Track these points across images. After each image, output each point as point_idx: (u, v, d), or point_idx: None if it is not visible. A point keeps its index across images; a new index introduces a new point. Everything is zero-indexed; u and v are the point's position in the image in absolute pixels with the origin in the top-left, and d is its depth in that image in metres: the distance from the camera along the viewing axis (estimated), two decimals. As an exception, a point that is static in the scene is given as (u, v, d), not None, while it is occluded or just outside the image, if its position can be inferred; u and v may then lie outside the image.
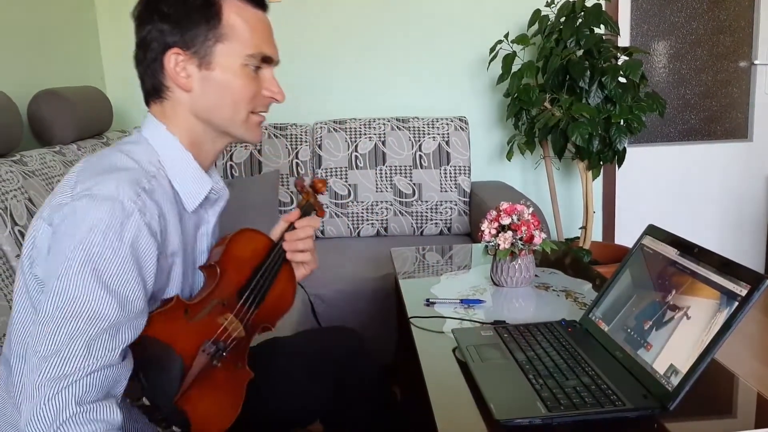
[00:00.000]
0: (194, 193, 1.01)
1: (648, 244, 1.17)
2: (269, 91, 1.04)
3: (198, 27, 0.95)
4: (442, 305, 1.43)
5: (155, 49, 0.96)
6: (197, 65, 0.96)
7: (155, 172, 0.95)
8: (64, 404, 0.78)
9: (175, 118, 1.00)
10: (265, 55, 1.01)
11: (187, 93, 0.98)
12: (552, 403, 0.94)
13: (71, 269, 0.82)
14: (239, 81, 0.98)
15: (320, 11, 2.94)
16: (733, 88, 3.21)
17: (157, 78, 0.98)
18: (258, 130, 1.06)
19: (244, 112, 1.01)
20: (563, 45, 2.53)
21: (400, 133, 2.77)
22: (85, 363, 0.80)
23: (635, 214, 3.22)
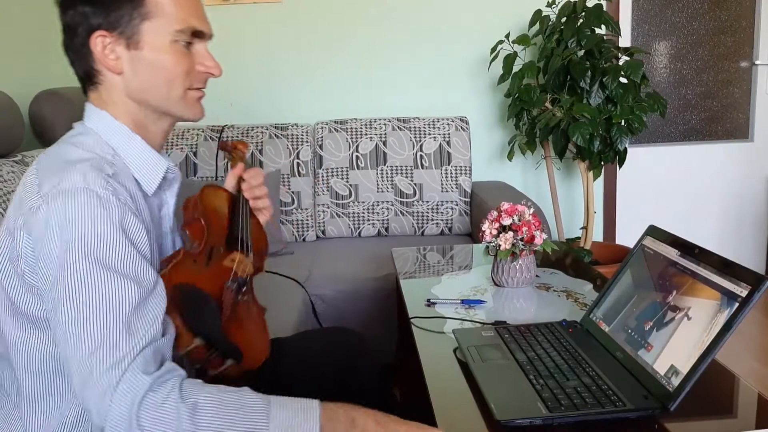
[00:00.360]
0: (152, 175, 1.00)
1: (649, 245, 1.17)
2: (204, 66, 1.00)
3: (121, 6, 0.92)
4: (442, 305, 1.43)
5: (81, 33, 0.94)
6: (125, 46, 0.94)
7: (112, 159, 0.94)
8: (136, 380, 0.78)
9: (113, 103, 0.98)
10: (195, 29, 0.98)
11: (119, 75, 0.96)
12: (553, 404, 0.94)
13: (74, 268, 0.82)
14: (170, 58, 0.96)
15: (321, 11, 2.94)
16: (734, 89, 3.21)
17: (87, 63, 0.96)
18: (198, 106, 1.03)
19: (179, 89, 0.98)
20: (564, 45, 2.53)
21: (401, 133, 2.77)
22: (132, 344, 0.80)
23: (636, 214, 3.22)
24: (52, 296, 0.85)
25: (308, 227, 2.76)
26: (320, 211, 2.77)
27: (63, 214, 0.84)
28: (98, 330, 0.80)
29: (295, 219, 2.74)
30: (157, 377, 0.80)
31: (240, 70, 2.97)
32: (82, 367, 0.80)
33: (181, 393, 0.80)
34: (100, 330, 0.80)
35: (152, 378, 0.79)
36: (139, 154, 0.99)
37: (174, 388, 0.80)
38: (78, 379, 0.81)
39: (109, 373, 0.78)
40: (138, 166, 0.98)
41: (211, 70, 1.01)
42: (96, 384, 0.79)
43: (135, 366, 0.79)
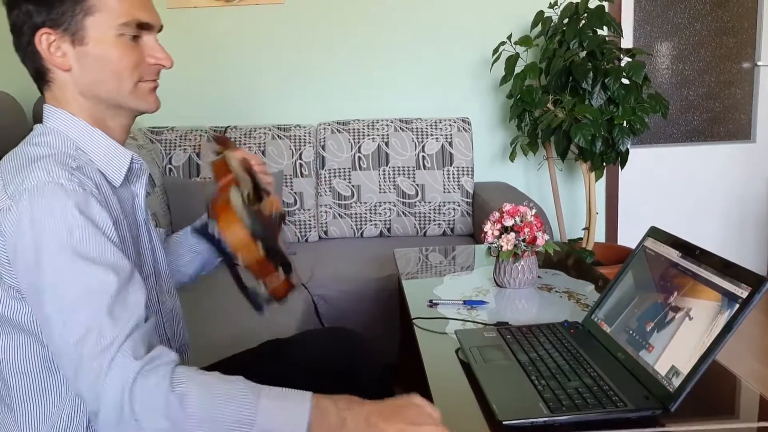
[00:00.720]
0: (116, 166, 1.00)
1: (650, 246, 1.18)
2: (154, 58, 0.99)
3: (63, 2, 0.92)
4: (445, 306, 1.44)
5: (26, 32, 0.93)
6: (70, 42, 0.94)
7: (74, 154, 0.94)
8: (126, 365, 0.80)
9: (67, 101, 0.98)
10: (140, 22, 0.97)
11: (68, 72, 0.95)
12: (554, 404, 0.95)
13: (51, 263, 0.84)
14: (116, 52, 0.95)
15: (323, 13, 2.95)
16: (736, 90, 3.21)
17: (36, 62, 0.96)
18: (151, 97, 1.02)
19: (129, 82, 0.97)
20: (566, 46, 2.53)
21: (403, 134, 2.78)
22: (118, 329, 0.82)
23: (638, 215, 3.22)
24: (33, 294, 0.86)
25: (311, 228, 2.76)
26: (323, 211, 2.78)
27: (31, 212, 0.85)
28: (83, 318, 0.82)
29: (297, 220, 2.75)
30: (147, 361, 0.82)
31: (242, 71, 2.98)
32: (72, 357, 0.82)
33: (171, 381, 0.81)
34: (85, 318, 0.82)
35: (142, 362, 0.81)
36: (101, 147, 0.98)
37: (165, 377, 0.81)
38: (70, 369, 0.83)
39: (98, 359, 0.80)
40: (102, 158, 0.98)
41: (162, 62, 1.00)
42: (87, 371, 0.80)
43: (124, 350, 0.81)
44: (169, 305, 1.13)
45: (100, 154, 0.98)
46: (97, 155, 0.98)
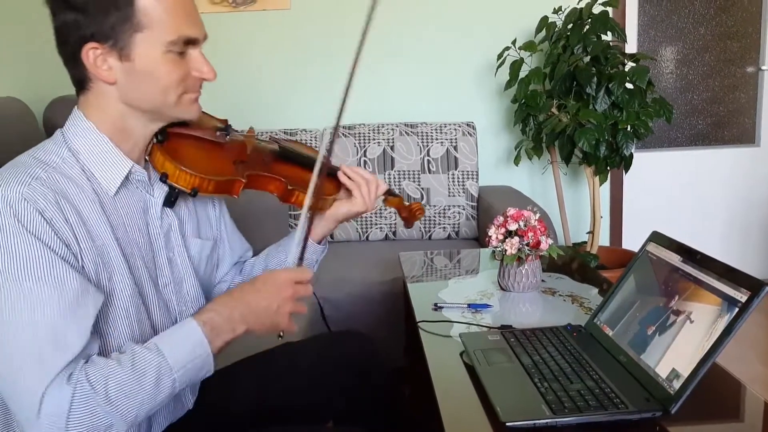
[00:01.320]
0: (111, 174, 0.97)
1: (652, 251, 1.19)
2: (198, 72, 1.00)
3: (109, 16, 0.90)
4: (449, 310, 1.46)
5: (72, 43, 0.92)
6: (117, 57, 0.92)
7: (56, 161, 0.92)
8: (60, 394, 0.80)
9: (100, 108, 0.97)
10: (188, 38, 0.96)
11: (111, 85, 0.94)
12: (556, 406, 0.96)
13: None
14: (163, 68, 0.94)
15: (329, 18, 2.98)
16: (740, 94, 3.22)
17: (78, 69, 0.95)
18: (194, 106, 1.03)
19: (174, 95, 0.98)
20: (570, 51, 2.55)
21: (409, 138, 2.80)
22: (58, 356, 0.81)
23: (642, 219, 3.23)
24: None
25: (316, 231, 2.78)
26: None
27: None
28: (21, 345, 0.80)
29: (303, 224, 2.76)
30: (75, 381, 0.81)
31: (249, 75, 3.01)
32: (6, 384, 0.81)
33: (90, 384, 0.82)
34: (24, 344, 0.80)
35: (71, 384, 0.81)
36: (101, 153, 0.97)
37: (82, 382, 0.81)
38: (3, 392, 0.82)
39: (33, 389, 0.79)
40: (97, 164, 0.96)
41: (206, 75, 1.00)
42: (19, 399, 0.80)
43: (59, 380, 0.80)
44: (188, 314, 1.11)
45: (98, 161, 0.96)
46: (94, 162, 0.96)
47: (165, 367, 0.88)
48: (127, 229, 0.99)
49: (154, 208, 1.05)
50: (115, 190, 0.98)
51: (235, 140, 1.17)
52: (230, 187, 1.10)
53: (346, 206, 1.26)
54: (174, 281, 1.08)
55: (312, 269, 1.31)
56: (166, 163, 1.03)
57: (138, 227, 1.02)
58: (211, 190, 1.07)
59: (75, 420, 0.80)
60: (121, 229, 0.97)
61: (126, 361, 0.86)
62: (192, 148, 1.08)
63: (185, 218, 1.13)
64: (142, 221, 1.03)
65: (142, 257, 1.01)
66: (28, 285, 0.82)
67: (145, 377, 0.86)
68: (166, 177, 1.03)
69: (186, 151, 1.06)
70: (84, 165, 0.96)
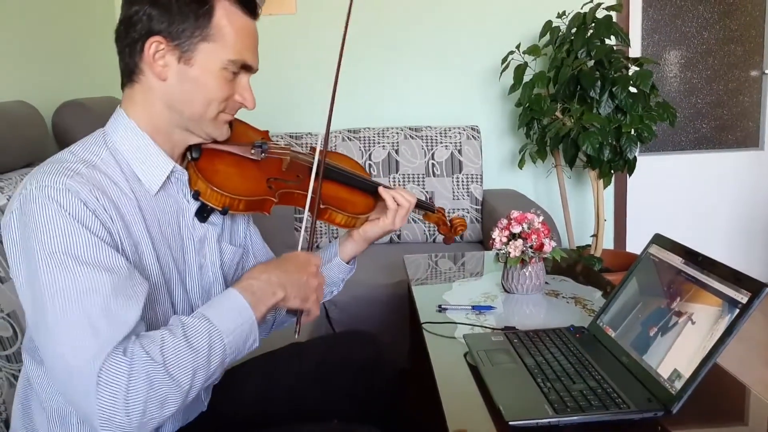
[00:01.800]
0: (154, 172, 0.99)
1: (654, 253, 1.21)
2: (241, 97, 1.04)
3: (186, 21, 0.94)
4: (453, 311, 1.47)
5: (139, 31, 0.95)
6: (177, 58, 0.96)
7: (95, 161, 0.94)
8: (118, 365, 0.80)
9: (143, 103, 0.99)
10: (246, 63, 1.01)
11: (161, 82, 0.97)
12: (559, 406, 0.98)
13: (43, 263, 0.83)
14: (215, 82, 0.98)
15: (334, 23, 3.00)
16: (744, 97, 3.23)
17: (133, 58, 0.97)
18: (225, 127, 1.06)
19: (214, 111, 1.00)
20: (574, 55, 2.56)
21: (413, 141, 2.82)
22: (113, 330, 0.82)
23: (646, 222, 3.24)
24: (25, 297, 0.86)
25: (322, 234, 2.80)
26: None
27: (26, 215, 0.85)
28: (75, 323, 0.81)
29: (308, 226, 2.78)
30: (131, 353, 0.81)
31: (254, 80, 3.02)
32: (62, 361, 0.81)
33: (146, 353, 0.82)
34: (77, 322, 0.81)
35: (128, 356, 0.81)
36: (142, 151, 0.99)
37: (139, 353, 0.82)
38: (58, 371, 0.82)
39: (91, 362, 0.79)
40: (139, 162, 0.98)
41: (247, 103, 1.04)
42: (76, 375, 0.80)
43: (116, 352, 0.80)
44: None
45: (139, 159, 0.98)
46: (136, 160, 0.98)
47: (215, 333, 0.88)
48: (161, 228, 1.01)
49: (188, 213, 1.07)
50: (156, 189, 1.00)
51: (271, 157, 1.16)
52: (261, 206, 1.10)
53: (379, 227, 1.26)
54: (202, 286, 1.10)
55: (338, 287, 1.32)
56: (199, 181, 1.04)
57: (172, 229, 1.03)
58: (242, 209, 1.07)
59: (134, 391, 0.80)
60: (155, 229, 0.99)
61: (177, 331, 0.86)
62: (224, 166, 1.08)
63: (220, 224, 1.14)
64: (176, 224, 1.05)
65: (173, 258, 1.03)
66: (80, 268, 0.83)
67: (199, 344, 0.86)
68: (197, 194, 1.04)
69: (218, 170, 1.07)
70: (125, 165, 0.97)
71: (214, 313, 0.90)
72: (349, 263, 1.32)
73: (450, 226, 1.43)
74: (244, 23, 1.00)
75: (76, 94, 2.38)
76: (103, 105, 2.32)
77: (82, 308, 0.82)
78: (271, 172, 1.14)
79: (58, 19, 2.40)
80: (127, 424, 0.80)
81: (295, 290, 0.99)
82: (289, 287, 0.98)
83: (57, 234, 0.84)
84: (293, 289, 0.99)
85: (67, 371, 0.81)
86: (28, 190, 0.87)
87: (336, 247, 1.30)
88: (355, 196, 1.25)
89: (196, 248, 1.08)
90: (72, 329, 0.81)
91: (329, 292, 1.32)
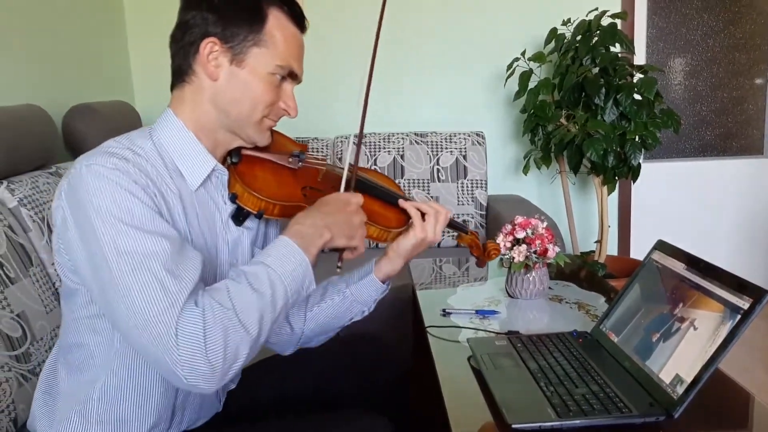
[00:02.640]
0: (196, 169, 1.04)
1: (657, 259, 1.22)
2: (285, 104, 1.08)
3: (241, 26, 1.00)
4: (457, 315, 1.48)
5: (195, 33, 1.01)
6: (229, 60, 1.01)
7: (142, 152, 0.98)
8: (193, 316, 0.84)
9: (192, 103, 1.04)
10: (292, 71, 1.07)
11: (212, 81, 1.02)
12: (562, 409, 0.99)
13: (101, 234, 0.87)
14: (262, 86, 1.03)
15: (340, 29, 3.02)
16: (749, 105, 3.24)
17: (187, 59, 1.02)
18: (267, 133, 1.11)
19: (258, 114, 1.05)
20: (579, 63, 2.58)
21: (419, 147, 2.83)
22: (180, 286, 0.86)
23: (650, 228, 3.25)
24: (89, 268, 0.91)
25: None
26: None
27: (77, 190, 0.91)
28: (146, 281, 0.85)
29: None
30: (202, 304, 0.86)
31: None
32: (138, 319, 0.84)
33: (217, 302, 0.86)
34: (147, 281, 0.85)
35: (200, 307, 0.85)
36: (188, 148, 1.04)
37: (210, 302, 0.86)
38: (136, 331, 0.85)
39: (168, 312, 0.83)
40: (183, 157, 1.03)
41: (289, 110, 1.09)
42: (154, 330, 0.83)
43: (189, 305, 0.85)
44: None
45: (183, 154, 1.04)
46: (180, 154, 1.03)
47: (275, 277, 0.93)
48: (199, 222, 1.05)
49: (224, 213, 1.11)
50: (197, 185, 1.05)
51: (307, 167, 1.21)
52: (295, 212, 1.12)
53: (410, 237, 1.25)
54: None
55: (369, 308, 1.33)
56: (237, 184, 1.08)
57: (209, 225, 1.08)
58: (277, 214, 1.11)
59: (212, 337, 0.83)
60: (194, 221, 1.04)
61: (241, 279, 0.91)
62: (262, 172, 1.12)
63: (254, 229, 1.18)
64: (212, 221, 1.09)
65: (207, 251, 1.07)
66: (138, 233, 0.88)
67: (263, 288, 0.90)
68: (234, 197, 1.08)
69: (256, 175, 1.11)
70: (168, 159, 1.02)
71: (271, 260, 0.94)
72: (385, 282, 1.31)
73: (483, 249, 1.42)
74: (293, 33, 1.07)
75: (86, 97, 2.41)
76: (111, 108, 2.35)
77: (148, 269, 0.86)
78: (307, 181, 1.18)
79: (68, 24, 2.43)
80: (210, 373, 0.83)
81: (340, 229, 1.04)
82: (334, 227, 1.03)
83: (111, 203, 0.89)
84: (338, 228, 1.03)
85: (146, 328, 0.84)
86: (77, 169, 0.92)
87: (371, 265, 1.31)
88: (389, 210, 1.27)
89: (229, 248, 1.12)
90: (144, 288, 0.85)
91: (360, 312, 1.32)
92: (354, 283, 1.28)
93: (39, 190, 1.68)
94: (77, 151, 2.17)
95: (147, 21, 2.96)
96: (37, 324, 1.43)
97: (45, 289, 1.52)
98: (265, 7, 1.02)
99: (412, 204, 1.26)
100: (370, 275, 1.28)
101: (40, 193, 1.68)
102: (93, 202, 0.88)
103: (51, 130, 1.89)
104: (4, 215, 1.51)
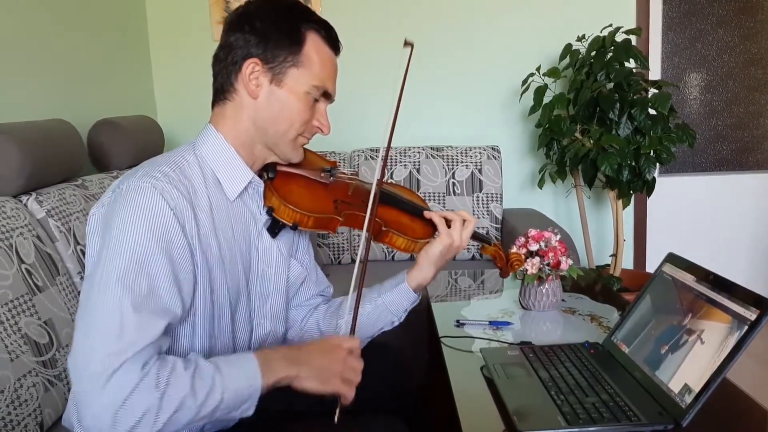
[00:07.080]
0: (235, 179, 1.11)
1: (668, 271, 1.24)
2: (319, 122, 1.15)
3: (281, 48, 1.07)
4: (471, 326, 1.51)
5: (238, 54, 1.07)
6: (269, 79, 1.08)
7: (181, 163, 1.05)
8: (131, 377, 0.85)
9: (233, 119, 1.11)
10: (327, 91, 1.13)
11: (252, 100, 1.09)
12: (572, 417, 1.01)
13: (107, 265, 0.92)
14: (299, 104, 1.10)
15: (357, 43, 3.07)
16: (765, 120, 3.24)
17: (228, 78, 1.09)
18: (300, 151, 1.18)
19: (294, 132, 1.12)
20: (593, 78, 2.60)
21: (435, 161, 2.87)
22: (139, 338, 0.88)
23: (666, 242, 3.24)
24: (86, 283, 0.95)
25: (344, 251, 2.86)
26: (355, 234, 2.87)
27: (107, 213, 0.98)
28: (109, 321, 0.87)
29: (331, 242, 2.84)
30: (146, 372, 0.86)
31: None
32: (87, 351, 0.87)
33: (156, 379, 0.87)
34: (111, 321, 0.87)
35: (143, 372, 0.86)
36: (227, 160, 1.10)
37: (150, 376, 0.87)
38: (78, 361, 0.87)
39: (108, 361, 0.84)
40: (223, 168, 1.10)
41: (323, 128, 1.16)
42: (95, 369, 0.85)
43: (135, 360, 0.86)
44: (264, 329, 1.23)
45: (223, 165, 1.10)
46: (220, 166, 1.10)
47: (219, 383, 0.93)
48: (234, 232, 1.11)
49: (258, 224, 1.17)
50: (235, 195, 1.11)
51: (339, 181, 1.28)
52: (328, 224, 1.20)
53: (437, 243, 1.26)
54: (260, 294, 1.20)
55: (399, 318, 1.34)
56: (273, 198, 1.15)
57: (244, 235, 1.14)
58: (311, 225, 1.17)
59: (131, 404, 0.85)
60: (227, 232, 1.10)
61: (190, 367, 0.92)
62: (297, 187, 1.19)
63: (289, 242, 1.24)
64: (247, 231, 1.16)
65: (241, 259, 1.13)
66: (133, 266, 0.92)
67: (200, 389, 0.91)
68: (271, 210, 1.15)
69: (291, 189, 1.18)
70: (208, 170, 1.09)
71: (227, 368, 0.96)
72: (417, 292, 1.32)
73: (506, 260, 1.44)
74: (328, 56, 1.13)
75: (111, 112, 2.48)
76: (135, 123, 2.41)
77: (119, 308, 0.88)
78: (338, 195, 1.24)
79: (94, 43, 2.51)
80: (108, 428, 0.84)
81: (313, 371, 1.02)
82: (306, 367, 1.02)
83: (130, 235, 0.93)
84: (310, 370, 1.02)
85: (88, 357, 0.86)
86: (122, 189, 0.98)
87: (403, 275, 1.32)
88: (415, 222, 1.32)
89: (260, 257, 1.18)
90: (103, 323, 0.88)
91: (390, 322, 1.34)
92: (386, 292, 1.31)
93: (65, 202, 1.74)
94: (102, 164, 2.23)
95: (169, 40, 3.03)
96: (63, 331, 1.48)
97: (71, 297, 1.57)
98: (303, 30, 1.09)
99: (437, 213, 1.30)
100: (403, 284, 1.30)
101: (67, 205, 1.73)
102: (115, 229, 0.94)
103: (77, 143, 1.95)
104: (32, 226, 1.56)
